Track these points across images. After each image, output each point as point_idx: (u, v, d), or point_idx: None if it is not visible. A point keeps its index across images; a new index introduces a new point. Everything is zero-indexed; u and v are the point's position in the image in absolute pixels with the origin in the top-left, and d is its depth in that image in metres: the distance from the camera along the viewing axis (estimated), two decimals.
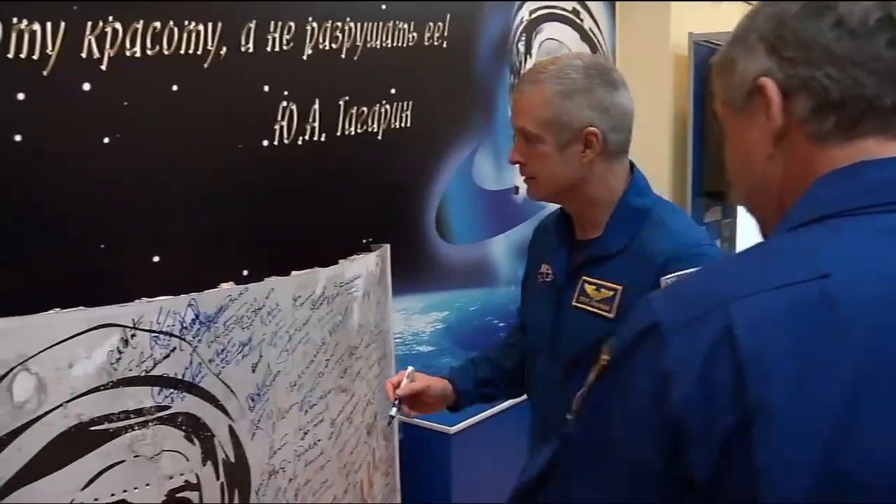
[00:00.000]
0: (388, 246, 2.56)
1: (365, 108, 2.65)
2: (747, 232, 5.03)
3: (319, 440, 2.20)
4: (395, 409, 1.85)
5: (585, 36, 3.87)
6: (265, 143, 2.33)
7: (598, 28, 3.97)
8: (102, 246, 1.97)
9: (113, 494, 1.77)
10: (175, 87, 2.09)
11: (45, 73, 1.82)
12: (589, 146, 1.56)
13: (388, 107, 2.74)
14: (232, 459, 1.96)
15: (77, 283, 1.89)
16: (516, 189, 3.49)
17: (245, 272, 2.23)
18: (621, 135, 1.59)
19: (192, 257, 2.16)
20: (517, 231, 3.52)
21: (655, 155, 4.13)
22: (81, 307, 1.72)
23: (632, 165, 1.66)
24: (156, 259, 2.06)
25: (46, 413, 1.67)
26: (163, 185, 2.08)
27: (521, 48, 3.47)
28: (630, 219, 1.58)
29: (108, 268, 1.97)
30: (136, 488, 1.80)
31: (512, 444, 3.27)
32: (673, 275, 1.28)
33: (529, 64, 3.49)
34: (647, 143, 4.10)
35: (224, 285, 1.93)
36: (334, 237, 2.55)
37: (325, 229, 2.54)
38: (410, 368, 1.88)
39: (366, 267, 2.37)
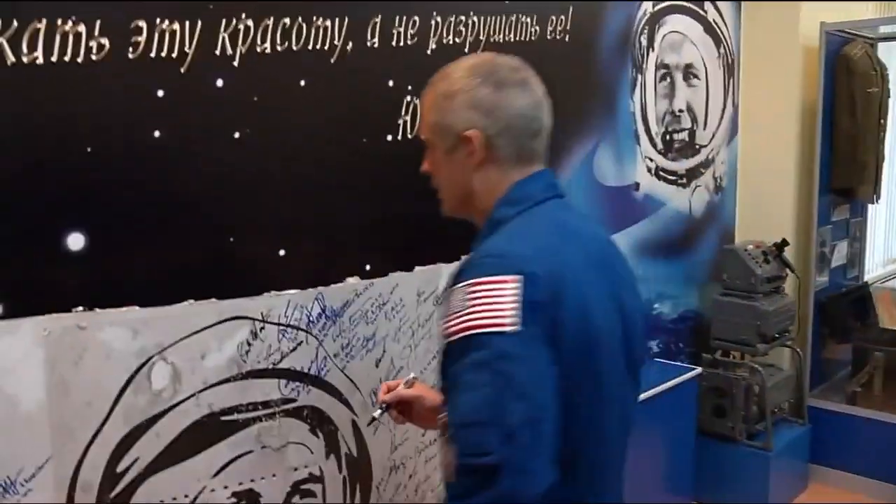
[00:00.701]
0: None
1: None
2: (878, 230, 4.77)
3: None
4: (378, 412, 1.67)
5: (709, 28, 3.72)
6: (389, 137, 2.31)
7: (723, 20, 3.82)
8: (231, 239, 1.97)
9: (241, 483, 1.80)
10: (302, 83, 2.08)
11: (182, 70, 1.84)
12: (470, 151, 1.35)
13: None
14: (354, 454, 1.95)
15: (208, 276, 1.90)
16: (637, 185, 3.39)
17: (367, 266, 2.20)
18: (514, 140, 1.35)
19: (317, 251, 2.14)
20: (638, 228, 3.42)
21: (782, 151, 3.95)
22: (213, 299, 1.75)
23: (542, 175, 1.40)
24: (282, 252, 2.04)
25: (181, 402, 1.71)
26: (289, 179, 2.08)
27: (644, 41, 3.36)
28: (486, 234, 1.37)
29: (237, 261, 1.98)
30: (262, 478, 1.82)
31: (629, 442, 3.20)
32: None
33: (652, 58, 3.38)
34: (773, 138, 3.95)
35: (350, 280, 1.92)
36: (456, 232, 2.48)
37: (447, 224, 2.47)
38: (412, 375, 1.71)
39: None
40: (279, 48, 2.01)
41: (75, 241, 1.73)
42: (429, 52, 2.37)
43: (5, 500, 1.57)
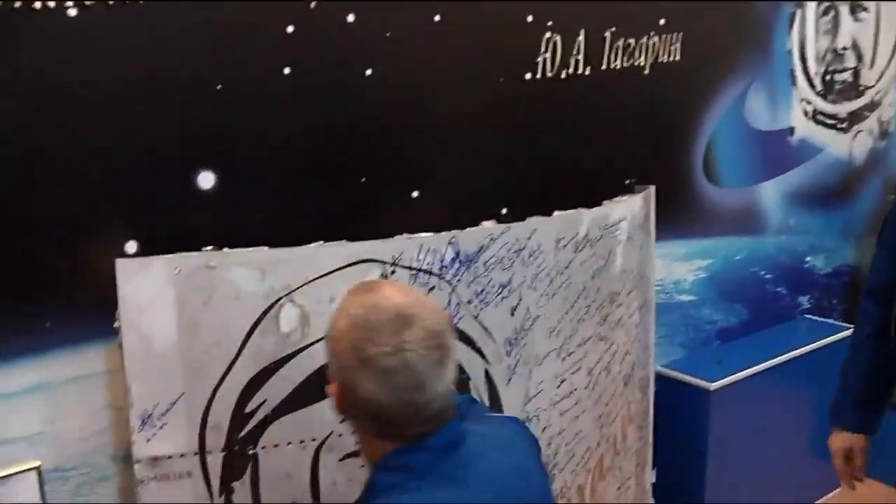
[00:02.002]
0: (653, 188, 2.31)
1: (632, 41, 2.40)
2: None
3: (575, 389, 2.03)
4: None
5: None
6: (527, 76, 2.16)
7: None
8: (363, 180, 1.89)
9: None
10: (436, 18, 1.95)
11: (312, 5, 1.75)
12: (336, 397, 1.24)
13: (656, 39, 2.47)
14: (486, 404, 1.83)
15: (338, 217, 1.83)
16: (791, 130, 3.08)
17: (504, 211, 2.09)
18: (374, 421, 1.20)
19: (451, 194, 2.04)
20: (791, 176, 3.11)
21: None
22: (343, 241, 1.65)
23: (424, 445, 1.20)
24: (415, 195, 1.96)
25: (309, 345, 1.64)
26: (422, 118, 1.97)
27: None
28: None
29: (368, 202, 1.90)
30: None
31: (774, 403, 2.97)
32: None
33: None
34: None
35: (485, 224, 1.80)
36: (596, 176, 2.34)
37: (586, 167, 2.33)
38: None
39: (630, 209, 2.14)
40: None
41: (205, 180, 1.70)
42: None
43: (143, 432, 1.56)
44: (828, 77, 3.16)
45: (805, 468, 3.10)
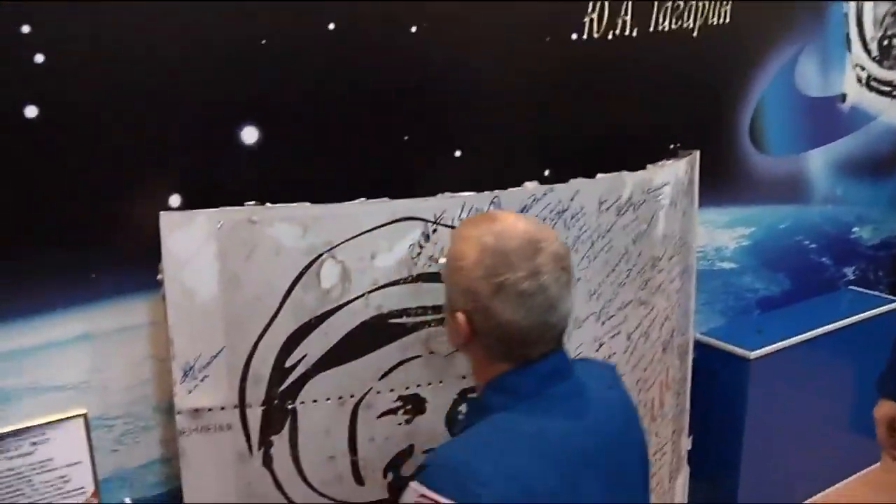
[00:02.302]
0: (697, 153, 2.26)
1: (681, 2, 2.34)
2: None
3: (614, 353, 2.01)
4: None
5: None
6: (574, 36, 2.11)
7: None
8: (406, 137, 1.87)
9: (407, 388, 1.73)
10: None
11: None
12: (456, 328, 1.28)
13: (705, 1, 2.39)
14: None
15: (381, 174, 1.83)
16: (843, 97, 2.99)
17: (546, 172, 2.06)
18: (503, 344, 1.25)
19: (494, 154, 2.01)
20: (841, 144, 3.03)
21: None
22: (385, 198, 1.64)
23: (539, 366, 1.26)
24: (458, 154, 1.94)
25: (349, 301, 1.63)
26: (466, 77, 1.94)
27: None
28: (471, 417, 1.33)
29: (411, 160, 1.88)
30: (429, 384, 1.74)
31: (814, 375, 2.92)
32: None
33: None
34: None
35: (528, 184, 1.77)
36: (640, 139, 2.29)
37: (630, 130, 2.29)
38: None
39: (674, 174, 2.09)
40: None
41: (249, 135, 1.70)
42: None
43: (185, 384, 1.58)
44: (885, 42, 3.05)
45: (844, 441, 3.06)
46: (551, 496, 1.16)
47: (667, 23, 2.31)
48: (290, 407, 1.65)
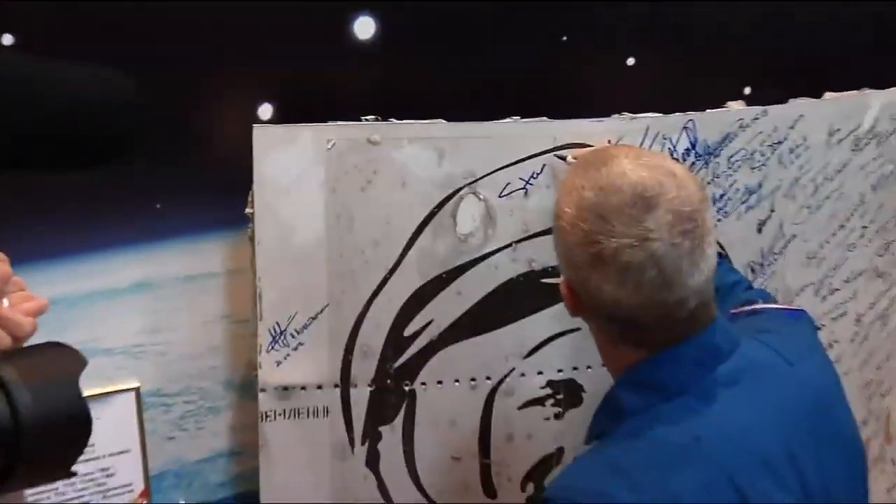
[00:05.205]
0: None
1: None
2: None
3: (837, 342, 2.22)
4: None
5: None
6: None
7: None
8: (564, 38, 2.07)
9: (560, 371, 1.98)
10: None
11: None
12: (567, 298, 1.55)
13: None
14: None
15: (538, 87, 2.03)
16: None
17: (747, 90, 2.22)
18: (617, 324, 1.49)
19: (675, 62, 2.18)
20: None
21: None
22: (544, 118, 1.86)
23: (684, 351, 1.47)
24: (630, 62, 2.13)
25: (492, 252, 1.90)
26: None
27: None
28: (605, 423, 1.55)
29: (576, 69, 2.08)
30: (589, 367, 1.98)
31: None
32: None
33: None
34: None
35: (732, 105, 1.96)
36: (890, 43, 2.42)
37: (874, 28, 2.42)
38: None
39: None
40: None
41: (364, 28, 1.91)
42: None
43: (273, 352, 1.85)
44: None
45: None
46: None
47: None
48: (406, 389, 1.93)
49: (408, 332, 1.93)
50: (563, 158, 1.88)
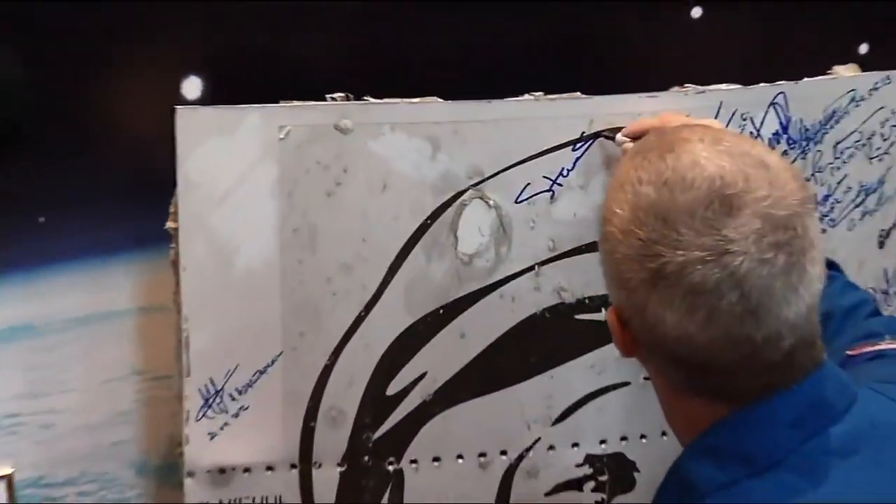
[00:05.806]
0: None
1: None
2: None
3: None
4: None
5: None
6: None
7: None
8: None
9: (603, 442, 1.81)
10: None
11: None
12: (615, 331, 1.36)
13: None
14: None
15: (566, 53, 1.88)
16: None
17: (863, 47, 2.13)
18: (680, 368, 1.30)
19: (759, 11, 2.05)
20: None
21: None
22: (576, 93, 1.68)
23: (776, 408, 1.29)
24: (696, 12, 1.99)
25: (508, 279, 1.70)
26: None
27: None
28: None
29: (610, 22, 1.94)
30: (643, 437, 1.82)
31: None
32: None
33: None
34: None
35: (839, 69, 1.81)
36: None
37: None
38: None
39: None
40: None
41: None
42: None
43: (204, 420, 1.67)
44: None
45: None
46: None
47: None
48: (391, 468, 1.73)
49: (392, 390, 1.75)
50: (612, 139, 1.74)
